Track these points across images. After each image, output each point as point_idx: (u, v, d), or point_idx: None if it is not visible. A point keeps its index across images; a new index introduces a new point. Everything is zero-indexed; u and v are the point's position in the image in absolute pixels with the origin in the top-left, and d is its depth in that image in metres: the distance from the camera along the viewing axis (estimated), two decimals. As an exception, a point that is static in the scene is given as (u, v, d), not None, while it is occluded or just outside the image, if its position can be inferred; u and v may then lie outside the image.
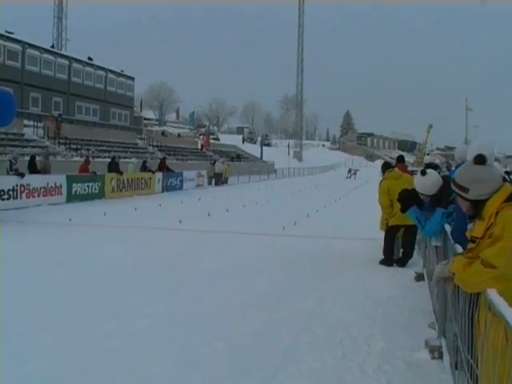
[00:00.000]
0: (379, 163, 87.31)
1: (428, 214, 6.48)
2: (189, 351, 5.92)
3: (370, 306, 7.96)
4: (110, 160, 28.93)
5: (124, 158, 38.85)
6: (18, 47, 46.86)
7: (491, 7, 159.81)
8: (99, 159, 34.05)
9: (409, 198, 6.72)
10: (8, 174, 20.51)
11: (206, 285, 9.04)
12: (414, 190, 6.77)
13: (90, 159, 28.19)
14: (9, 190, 19.65)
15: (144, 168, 31.19)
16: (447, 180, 6.54)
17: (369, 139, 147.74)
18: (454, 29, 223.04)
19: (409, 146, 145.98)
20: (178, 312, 7.45)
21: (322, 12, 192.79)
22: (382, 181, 11.33)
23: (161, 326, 6.80)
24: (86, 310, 7.41)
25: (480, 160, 3.74)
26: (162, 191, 31.27)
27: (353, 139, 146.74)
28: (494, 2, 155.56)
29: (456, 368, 4.85)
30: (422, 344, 6.08)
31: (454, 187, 3.81)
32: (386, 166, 11.82)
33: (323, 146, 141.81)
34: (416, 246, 11.79)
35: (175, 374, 5.35)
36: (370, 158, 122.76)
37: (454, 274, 3.62)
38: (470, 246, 3.59)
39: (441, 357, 5.73)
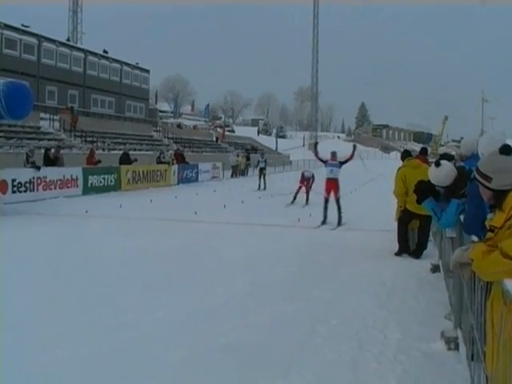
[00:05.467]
0: (394, 155, 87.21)
1: (444, 205, 6.46)
2: (205, 342, 5.95)
3: (386, 296, 7.96)
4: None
5: (139, 150, 38.95)
6: (34, 41, 47.01)
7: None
8: (115, 151, 34.14)
9: (425, 190, 6.69)
10: (25, 166, 20.68)
11: (222, 276, 9.08)
12: (430, 181, 6.74)
13: (95, 150, 28.35)
14: (26, 183, 19.82)
15: (159, 160, 31.27)
16: (462, 171, 6.52)
17: (384, 131, 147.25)
18: (469, 20, 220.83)
19: (424, 137, 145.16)
20: (194, 303, 7.48)
21: (337, 3, 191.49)
22: (399, 168, 11.32)
23: (177, 318, 6.83)
24: (101, 300, 7.45)
25: (505, 150, 3.71)
26: (178, 183, 31.31)
27: (368, 131, 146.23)
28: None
29: (472, 359, 4.84)
30: (438, 335, 6.08)
31: (477, 175, 3.79)
32: (406, 154, 11.80)
33: (338, 137, 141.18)
34: (432, 238, 11.78)
35: (193, 364, 5.38)
36: (386, 149, 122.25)
37: (472, 260, 3.60)
38: (489, 235, 3.57)
39: (457, 348, 5.73)
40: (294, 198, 20.76)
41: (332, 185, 15.43)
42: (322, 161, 15.79)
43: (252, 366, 5.33)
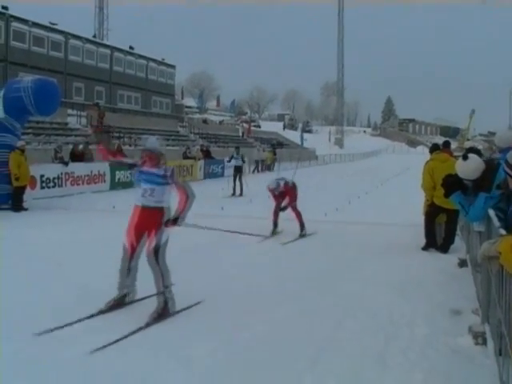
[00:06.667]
0: (421, 149, 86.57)
1: (471, 199, 6.41)
2: (230, 336, 6.00)
3: (413, 291, 7.93)
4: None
5: (166, 145, 39.12)
6: (61, 38, 47.39)
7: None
8: (141, 147, 34.24)
9: (453, 183, 6.64)
10: (53, 162, 20.93)
11: (248, 270, 9.12)
12: (458, 174, 6.70)
13: (122, 146, 28.61)
14: (54, 178, 20.08)
15: (185, 156, 31.47)
16: (490, 164, 6.46)
17: (410, 125, 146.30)
18: (495, 11, 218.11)
19: (451, 131, 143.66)
20: (219, 297, 7.50)
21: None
22: (427, 162, 11.26)
23: (201, 312, 6.88)
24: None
25: None
26: (204, 178, 31.46)
27: (394, 125, 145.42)
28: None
29: (500, 354, 4.82)
30: (466, 330, 6.04)
31: (506, 167, 3.78)
32: (434, 148, 11.77)
33: (364, 132, 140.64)
34: (459, 232, 11.70)
35: (218, 357, 5.42)
36: (412, 144, 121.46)
37: (500, 253, 3.57)
38: None
39: (485, 343, 5.69)
40: (275, 225, 13.04)
41: (143, 221, 7.13)
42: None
43: (279, 359, 5.35)
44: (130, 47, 57.70)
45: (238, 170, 24.13)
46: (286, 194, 13.07)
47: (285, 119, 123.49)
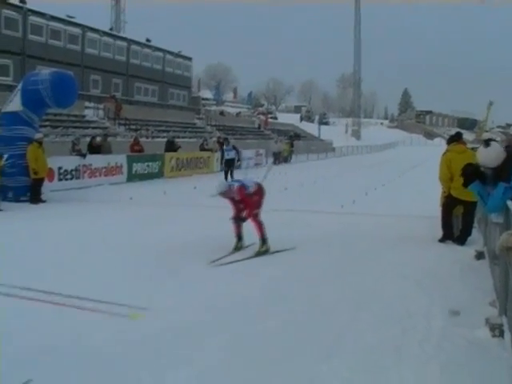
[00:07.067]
0: (438, 141, 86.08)
1: (491, 189, 6.34)
2: (246, 327, 6.01)
3: (430, 283, 7.90)
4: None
5: (183, 137, 39.19)
6: (78, 31, 47.56)
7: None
8: (158, 139, 34.46)
9: (472, 173, 6.58)
10: (71, 154, 21.09)
11: (264, 263, 9.12)
12: (477, 164, 6.63)
13: (139, 138, 28.69)
14: (72, 170, 20.23)
15: (202, 148, 31.56)
16: (510, 154, 6.40)
17: (428, 117, 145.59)
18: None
19: (468, 123, 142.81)
20: (237, 289, 7.53)
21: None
22: (444, 153, 11.20)
23: (219, 303, 6.89)
24: (143, 287, 7.54)
25: None
26: (221, 170, 31.47)
27: (411, 117, 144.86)
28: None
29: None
30: (483, 322, 6.01)
31: None
32: (452, 139, 11.64)
33: (381, 124, 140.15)
34: (476, 224, 11.63)
35: (231, 350, 5.44)
36: (429, 136, 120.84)
37: None
38: None
39: (502, 335, 5.66)
40: (238, 237, 10.26)
41: None
42: None
43: (292, 350, 5.36)
44: (147, 40, 57.81)
45: (230, 164, 21.64)
46: (244, 202, 10.26)
47: (301, 111, 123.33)
